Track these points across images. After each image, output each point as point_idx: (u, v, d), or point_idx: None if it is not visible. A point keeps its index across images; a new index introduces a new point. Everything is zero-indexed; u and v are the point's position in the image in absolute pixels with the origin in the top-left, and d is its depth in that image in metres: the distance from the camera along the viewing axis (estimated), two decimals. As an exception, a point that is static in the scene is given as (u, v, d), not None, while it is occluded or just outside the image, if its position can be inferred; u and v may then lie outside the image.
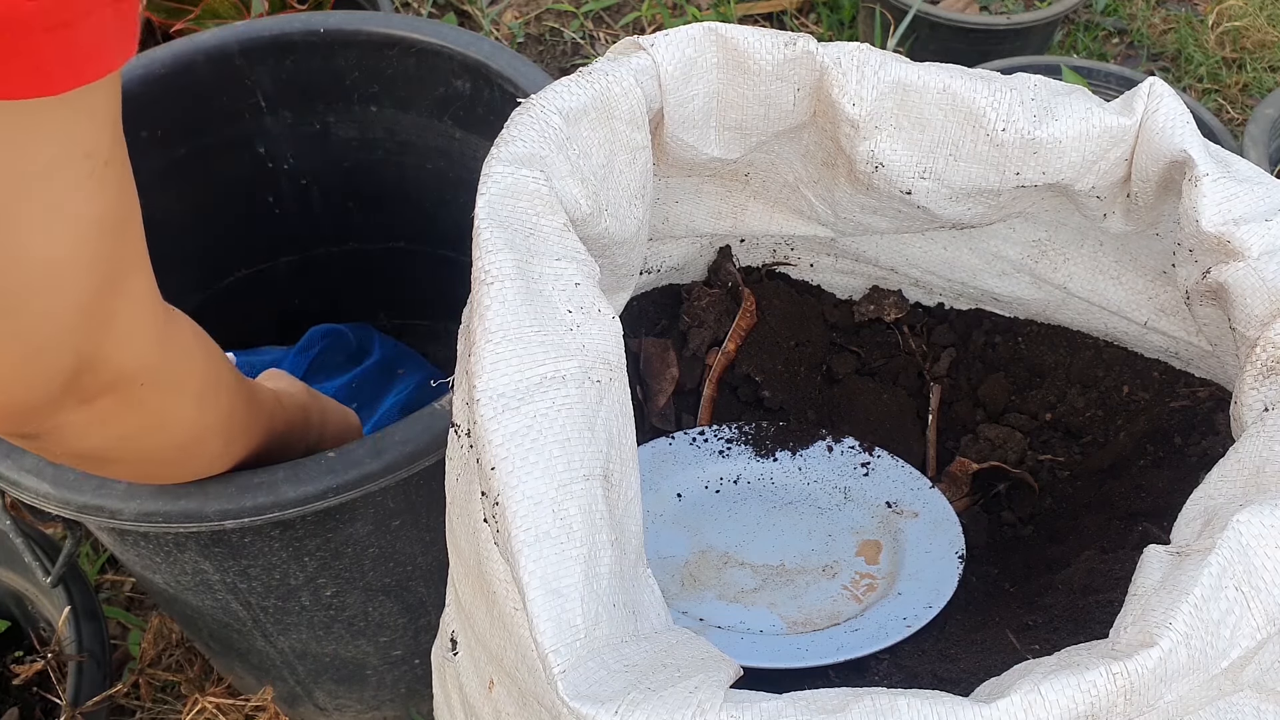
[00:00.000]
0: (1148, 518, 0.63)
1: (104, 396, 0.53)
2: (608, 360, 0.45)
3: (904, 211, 0.61)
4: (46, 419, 0.53)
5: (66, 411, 0.53)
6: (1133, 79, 1.39)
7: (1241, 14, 1.76)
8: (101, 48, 0.43)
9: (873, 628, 0.61)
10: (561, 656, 0.39)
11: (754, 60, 0.55)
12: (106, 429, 0.56)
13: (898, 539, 0.69)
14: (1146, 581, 0.42)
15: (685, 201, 0.69)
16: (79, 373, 0.51)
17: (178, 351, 0.58)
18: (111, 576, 1.22)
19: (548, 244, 0.46)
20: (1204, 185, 0.51)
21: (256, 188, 1.06)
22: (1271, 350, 0.49)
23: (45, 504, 0.70)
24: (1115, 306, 0.68)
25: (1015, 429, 0.73)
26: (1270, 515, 0.41)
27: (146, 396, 0.56)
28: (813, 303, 0.77)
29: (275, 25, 0.96)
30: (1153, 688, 0.38)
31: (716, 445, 0.74)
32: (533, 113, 0.50)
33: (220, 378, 0.63)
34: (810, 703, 0.39)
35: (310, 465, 0.69)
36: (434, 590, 0.88)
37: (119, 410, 0.55)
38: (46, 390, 0.51)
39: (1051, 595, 0.61)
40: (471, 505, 0.47)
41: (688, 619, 0.63)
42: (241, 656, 0.96)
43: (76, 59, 0.42)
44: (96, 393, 0.53)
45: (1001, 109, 0.55)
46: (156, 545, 0.78)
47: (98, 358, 0.52)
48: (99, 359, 0.52)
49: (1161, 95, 0.54)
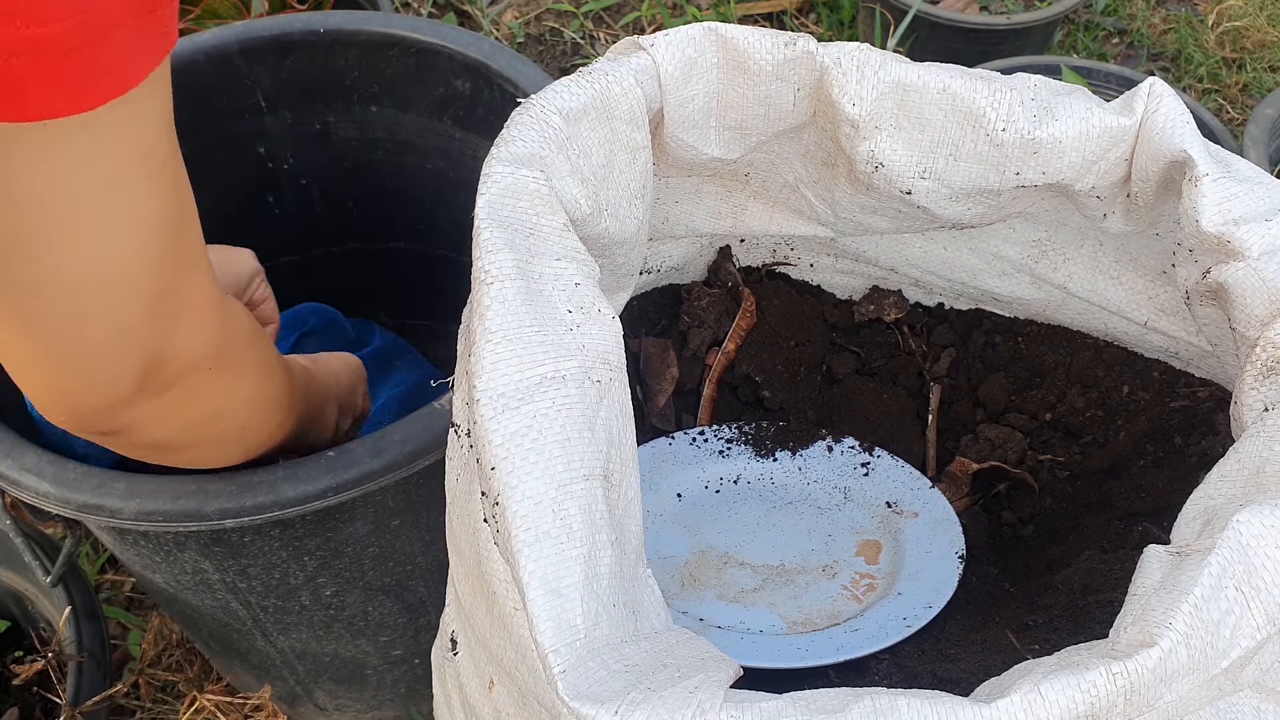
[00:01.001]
0: (1148, 518, 0.63)
1: (173, 387, 0.56)
2: (608, 360, 0.45)
3: (904, 211, 0.61)
4: (122, 415, 0.55)
5: (140, 406, 0.55)
6: (1133, 79, 1.39)
7: (1241, 14, 1.76)
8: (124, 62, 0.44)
9: (873, 628, 0.61)
10: (561, 656, 0.39)
11: (754, 60, 0.55)
12: (177, 417, 0.58)
13: (898, 539, 0.69)
14: (1146, 581, 0.42)
15: (685, 201, 0.69)
16: (150, 369, 0.53)
17: (237, 337, 0.60)
18: (111, 576, 1.22)
19: (548, 244, 0.46)
20: (1204, 185, 0.51)
21: (256, 188, 1.06)
22: (1271, 350, 0.49)
23: (45, 503, 0.70)
24: (1115, 306, 0.68)
25: (1015, 429, 0.73)
26: (1270, 515, 0.41)
27: (212, 383, 0.58)
28: (813, 303, 0.77)
29: (275, 25, 0.96)
30: (1153, 688, 0.38)
31: (716, 445, 0.74)
32: (533, 113, 0.50)
33: (271, 357, 0.66)
34: (810, 703, 0.39)
35: (310, 464, 0.69)
36: (434, 590, 0.88)
37: (187, 399, 0.57)
38: (122, 389, 0.53)
39: (1051, 595, 0.61)
40: (471, 505, 0.47)
41: (688, 619, 0.63)
42: (241, 656, 0.96)
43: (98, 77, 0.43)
44: (167, 385, 0.55)
45: (1001, 109, 0.55)
46: (156, 545, 0.78)
47: (167, 352, 0.54)
48: (168, 353, 0.54)
49: (1161, 95, 0.54)
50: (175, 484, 0.69)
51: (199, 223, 0.54)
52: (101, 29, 0.42)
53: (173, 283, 0.52)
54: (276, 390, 0.67)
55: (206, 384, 0.58)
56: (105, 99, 0.44)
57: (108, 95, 0.44)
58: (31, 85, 0.41)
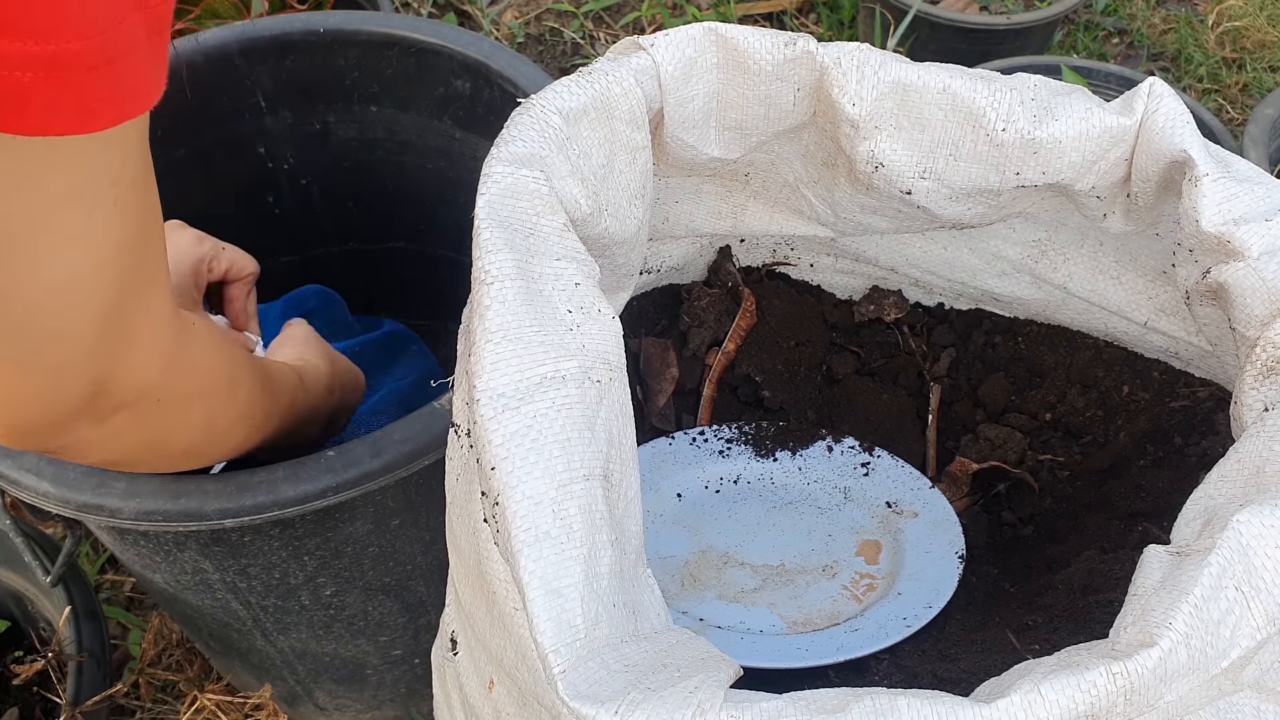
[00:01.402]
0: (1148, 518, 0.63)
1: (118, 414, 0.54)
2: (608, 360, 0.45)
3: (904, 211, 0.61)
4: (62, 436, 0.54)
5: (82, 430, 0.53)
6: (1133, 79, 1.39)
7: (1241, 14, 1.76)
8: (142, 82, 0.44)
9: (873, 628, 0.61)
10: (561, 656, 0.39)
11: (754, 60, 0.55)
12: (121, 441, 0.57)
13: (898, 539, 0.69)
14: (1146, 581, 0.42)
15: (685, 201, 0.69)
16: (95, 394, 0.52)
17: (190, 366, 0.58)
18: (111, 576, 1.22)
19: (548, 244, 0.46)
20: (1204, 185, 0.51)
21: (256, 188, 1.06)
22: (1271, 350, 0.49)
23: (45, 503, 0.70)
24: (1115, 306, 0.68)
25: (1015, 429, 0.73)
26: (1270, 515, 0.41)
27: (160, 413, 0.57)
28: (813, 303, 0.77)
29: (275, 25, 0.96)
30: (1153, 688, 0.38)
31: (716, 445, 0.74)
32: (533, 113, 0.50)
33: (235, 378, 0.64)
34: (810, 703, 0.39)
35: (310, 464, 0.69)
36: (434, 590, 0.88)
37: (132, 426, 0.56)
38: (62, 410, 0.52)
39: (1051, 595, 0.61)
40: (471, 505, 0.47)
41: (688, 619, 0.63)
42: (241, 656, 0.96)
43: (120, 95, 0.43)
44: (110, 412, 0.54)
45: (1001, 109, 0.55)
46: (156, 544, 0.78)
47: (112, 379, 0.52)
48: (115, 381, 0.53)
49: (1161, 95, 0.54)
50: (175, 484, 0.69)
51: (164, 241, 0.53)
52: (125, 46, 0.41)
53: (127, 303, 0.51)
54: (240, 414, 0.65)
55: (153, 414, 0.56)
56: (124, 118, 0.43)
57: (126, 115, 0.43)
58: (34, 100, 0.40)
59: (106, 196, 0.47)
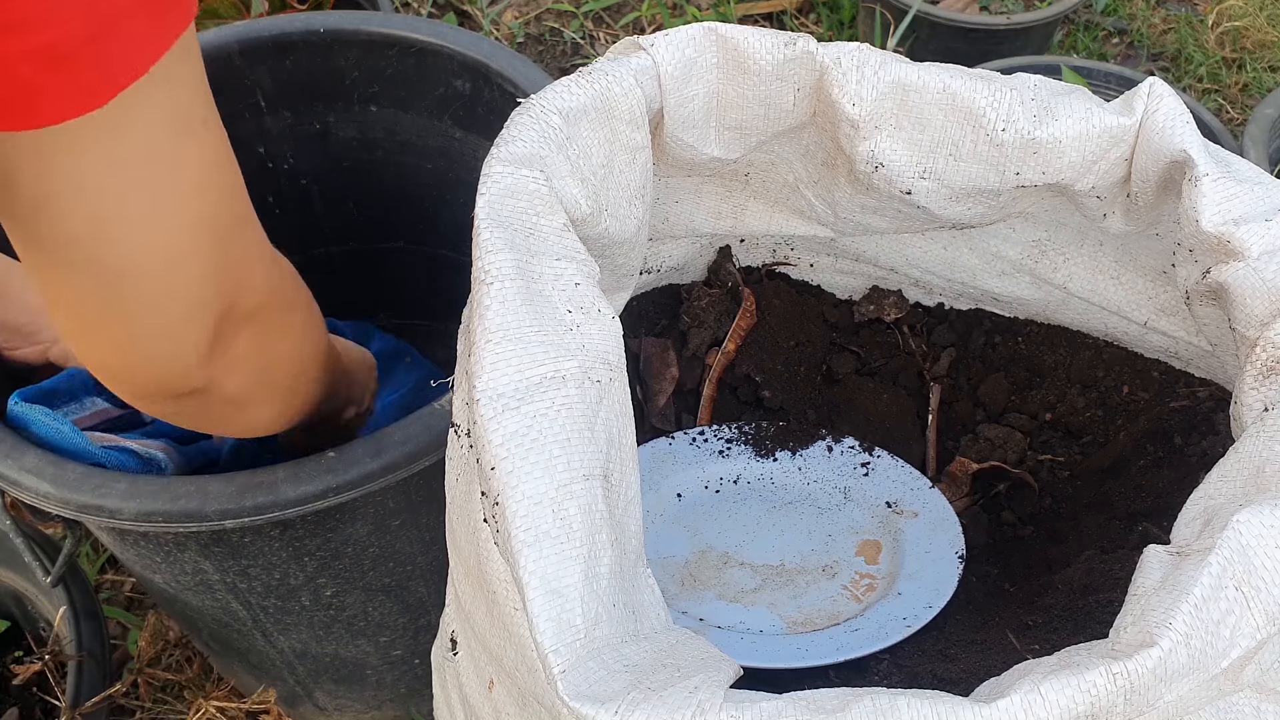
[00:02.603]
0: (1148, 518, 0.63)
1: (242, 333, 0.57)
2: (608, 360, 0.45)
3: (904, 211, 0.61)
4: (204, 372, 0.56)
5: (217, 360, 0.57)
6: (1133, 79, 1.39)
7: (1241, 14, 1.76)
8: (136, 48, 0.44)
9: (873, 628, 0.61)
10: (561, 656, 0.39)
11: (754, 60, 0.55)
12: (249, 364, 0.60)
13: (898, 539, 0.69)
14: (1146, 581, 0.42)
15: (685, 201, 0.69)
16: (222, 319, 0.55)
17: (287, 280, 0.63)
18: (111, 576, 1.22)
19: (548, 244, 0.46)
20: (1204, 185, 0.51)
21: (256, 188, 1.05)
22: (1271, 350, 0.49)
23: (45, 504, 0.70)
24: (1115, 306, 0.68)
25: (1015, 429, 0.73)
26: (1270, 515, 0.41)
27: (275, 322, 0.60)
28: (813, 303, 0.77)
29: (275, 25, 0.96)
30: (1153, 688, 0.38)
31: (716, 445, 0.74)
32: (533, 113, 0.50)
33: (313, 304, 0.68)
34: (810, 703, 0.39)
35: (310, 465, 0.69)
36: (434, 590, 0.88)
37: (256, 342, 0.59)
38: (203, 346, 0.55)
39: (1051, 595, 0.61)
40: (471, 505, 0.47)
41: (688, 619, 0.63)
42: (241, 656, 0.96)
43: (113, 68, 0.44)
44: (237, 331, 0.57)
45: (1001, 109, 0.55)
46: (156, 545, 0.78)
47: (236, 299, 0.56)
48: (237, 299, 0.56)
49: (1161, 95, 0.54)
50: (175, 484, 0.69)
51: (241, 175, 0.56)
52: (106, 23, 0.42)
53: (236, 230, 0.55)
54: (320, 338, 0.69)
55: (270, 324, 0.60)
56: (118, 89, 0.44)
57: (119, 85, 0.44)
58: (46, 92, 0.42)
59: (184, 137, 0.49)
